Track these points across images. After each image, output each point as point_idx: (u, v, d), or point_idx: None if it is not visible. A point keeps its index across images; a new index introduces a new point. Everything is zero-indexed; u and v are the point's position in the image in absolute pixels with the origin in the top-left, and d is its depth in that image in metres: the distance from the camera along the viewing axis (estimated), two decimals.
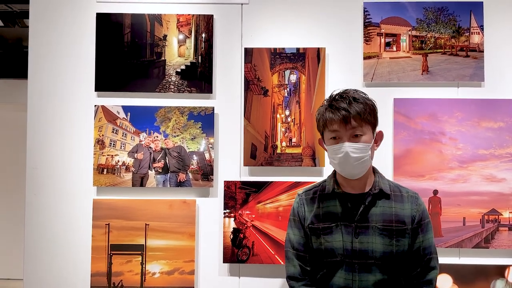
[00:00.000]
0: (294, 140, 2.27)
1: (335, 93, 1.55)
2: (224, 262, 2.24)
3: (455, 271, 2.17)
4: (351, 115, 1.44)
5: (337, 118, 1.45)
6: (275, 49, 2.28)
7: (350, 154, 1.44)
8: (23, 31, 4.76)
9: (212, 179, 2.26)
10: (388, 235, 1.47)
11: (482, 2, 2.25)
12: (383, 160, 2.23)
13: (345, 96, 1.49)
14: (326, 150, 1.57)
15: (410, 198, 1.55)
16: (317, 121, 1.56)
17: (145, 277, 2.23)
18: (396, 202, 1.52)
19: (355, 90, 1.55)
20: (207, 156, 2.26)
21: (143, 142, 2.28)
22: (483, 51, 2.25)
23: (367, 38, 2.27)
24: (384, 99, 2.24)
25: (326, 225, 1.52)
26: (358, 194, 1.52)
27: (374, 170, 1.59)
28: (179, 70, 2.29)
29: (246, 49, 2.27)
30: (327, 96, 2.22)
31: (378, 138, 1.56)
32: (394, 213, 1.50)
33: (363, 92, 1.55)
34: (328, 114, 1.48)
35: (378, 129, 1.59)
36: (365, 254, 1.46)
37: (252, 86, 2.28)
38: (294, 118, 2.28)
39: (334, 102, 1.49)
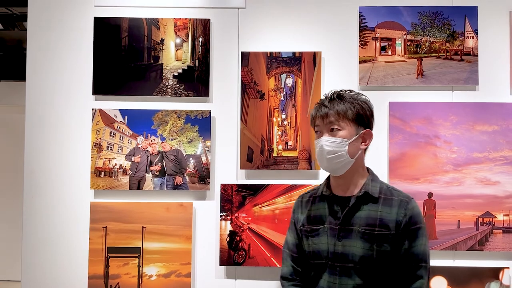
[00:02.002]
0: (290, 143, 2.29)
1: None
2: (220, 264, 2.25)
3: (449, 273, 2.19)
4: (329, 111, 1.48)
5: (319, 114, 1.51)
6: (271, 53, 2.30)
7: (323, 147, 1.47)
8: (23, 34, 4.78)
9: (209, 182, 2.27)
10: (369, 239, 1.45)
11: (477, 6, 2.28)
12: (379, 163, 2.24)
13: (331, 95, 1.53)
14: None
15: (400, 202, 1.49)
16: None
17: (142, 280, 2.24)
18: (383, 206, 1.48)
19: (350, 90, 1.57)
20: (204, 159, 2.28)
21: (140, 145, 2.29)
22: (477, 55, 2.27)
23: (363, 42, 2.29)
24: (379, 103, 2.26)
25: (314, 227, 1.54)
26: (345, 197, 1.52)
27: (369, 172, 1.58)
28: (176, 74, 2.31)
29: (242, 53, 2.29)
30: None
31: (367, 137, 1.53)
32: (379, 217, 1.47)
33: (359, 94, 1.56)
34: (313, 111, 1.55)
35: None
36: (345, 257, 1.46)
37: (249, 89, 2.30)
38: (290, 122, 2.30)
39: (321, 100, 1.55)
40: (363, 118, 1.52)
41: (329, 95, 1.54)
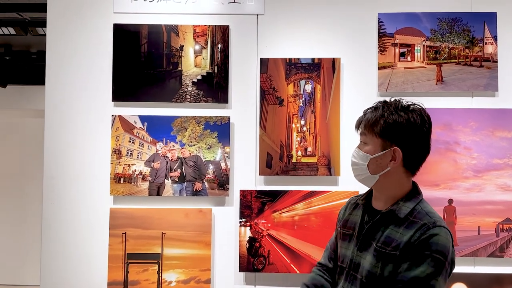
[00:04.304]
0: (309, 149, 2.29)
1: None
2: (240, 271, 2.25)
3: (470, 279, 2.18)
4: (362, 121, 1.43)
5: (357, 121, 1.47)
6: (290, 59, 2.30)
7: (351, 158, 1.47)
8: (31, 39, 4.80)
9: (228, 188, 2.27)
10: (378, 256, 1.39)
11: (496, 13, 2.28)
12: None
13: (378, 103, 1.43)
14: None
15: (422, 225, 1.34)
16: None
17: (161, 286, 2.24)
18: (405, 228, 1.37)
19: (400, 100, 1.40)
20: (223, 165, 2.28)
21: (159, 152, 2.30)
22: (496, 61, 2.27)
23: (382, 49, 2.29)
24: None
25: (346, 232, 1.55)
26: (377, 210, 1.48)
27: (412, 191, 1.45)
28: (195, 80, 2.31)
29: (261, 59, 2.30)
30: (342, 106, 2.28)
31: (397, 156, 1.37)
32: (397, 238, 1.37)
33: (410, 104, 1.38)
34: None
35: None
36: (357, 268, 1.46)
37: (268, 96, 2.30)
38: (309, 128, 2.30)
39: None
40: (394, 133, 1.36)
41: (377, 102, 1.42)
